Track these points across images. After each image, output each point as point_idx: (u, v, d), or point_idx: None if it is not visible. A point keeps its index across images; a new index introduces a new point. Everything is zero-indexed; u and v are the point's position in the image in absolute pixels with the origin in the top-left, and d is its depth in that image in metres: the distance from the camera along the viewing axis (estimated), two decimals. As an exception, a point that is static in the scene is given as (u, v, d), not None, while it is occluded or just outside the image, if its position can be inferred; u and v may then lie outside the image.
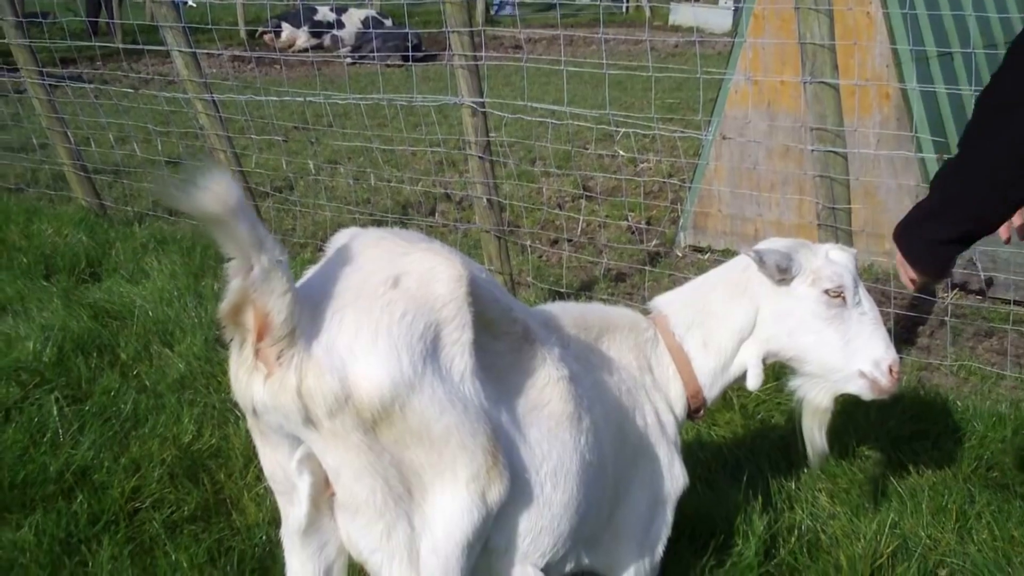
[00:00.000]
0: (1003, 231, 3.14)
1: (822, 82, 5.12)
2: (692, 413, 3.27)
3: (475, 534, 2.38)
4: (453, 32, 6.12)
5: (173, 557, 3.70)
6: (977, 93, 6.66)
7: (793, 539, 3.85)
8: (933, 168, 7.14)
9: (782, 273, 3.09)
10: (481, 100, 6.24)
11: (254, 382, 2.26)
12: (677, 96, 14.24)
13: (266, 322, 2.17)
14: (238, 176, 7.80)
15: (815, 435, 3.31)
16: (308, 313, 2.24)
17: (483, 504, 2.37)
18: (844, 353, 3.11)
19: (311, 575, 2.57)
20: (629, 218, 8.79)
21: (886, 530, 3.78)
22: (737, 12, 31.63)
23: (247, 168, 7.86)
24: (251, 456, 4.35)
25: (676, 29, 24.41)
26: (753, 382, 3.23)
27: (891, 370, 3.10)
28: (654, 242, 8.43)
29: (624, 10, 29.19)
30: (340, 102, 8.09)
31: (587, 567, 2.96)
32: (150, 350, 5.52)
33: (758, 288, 3.17)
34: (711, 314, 3.23)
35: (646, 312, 3.32)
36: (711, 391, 3.25)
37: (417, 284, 2.34)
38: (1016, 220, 3.08)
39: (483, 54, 6.32)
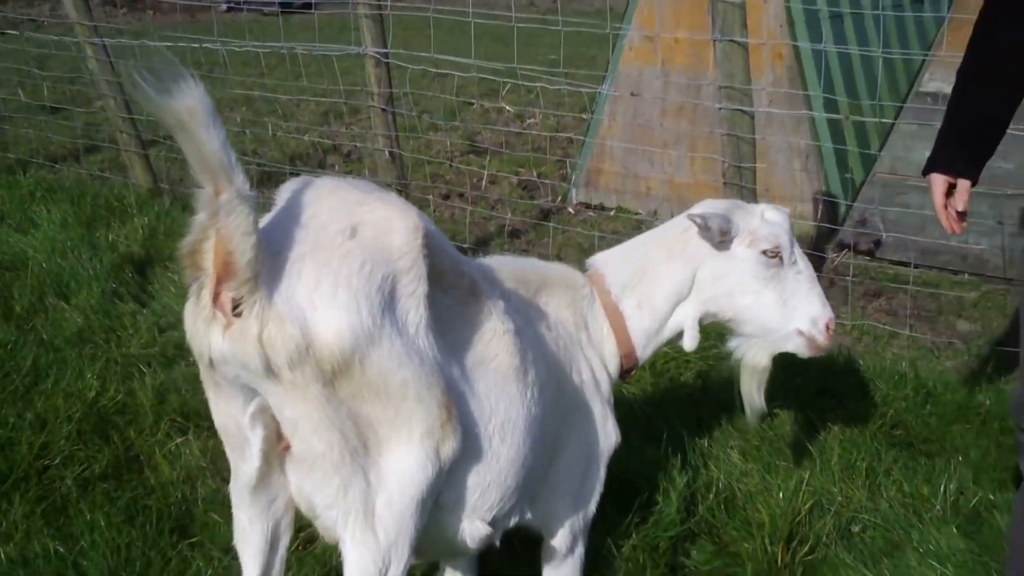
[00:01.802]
0: (946, 224, 3.20)
1: (732, 40, 5.15)
2: (623, 373, 3.27)
3: (429, 489, 2.37)
4: (357, -19, 6.04)
5: (88, 516, 3.60)
6: (864, 53, 6.86)
7: (711, 496, 3.90)
8: (824, 128, 7.29)
9: (723, 236, 3.11)
10: (385, 51, 6.18)
11: (212, 331, 2.19)
12: (558, 52, 14.18)
13: (228, 263, 2.10)
14: (128, 123, 7.60)
15: (754, 394, 3.34)
16: (267, 262, 2.18)
17: (437, 459, 2.36)
18: (782, 312, 3.16)
19: (260, 531, 2.52)
20: (519, 173, 8.78)
21: (803, 487, 3.85)
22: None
23: (136, 116, 7.63)
24: (161, 412, 4.28)
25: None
26: (690, 343, 3.24)
27: (827, 328, 3.16)
28: (547, 198, 8.44)
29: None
30: (238, 50, 7.90)
31: (529, 522, 2.96)
32: (45, 302, 5.36)
33: (696, 251, 3.17)
34: (648, 275, 3.23)
35: (583, 269, 3.32)
36: (644, 351, 3.26)
37: (374, 235, 2.30)
38: (958, 206, 3.14)
39: (388, 3, 6.25)
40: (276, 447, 2.40)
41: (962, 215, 3.15)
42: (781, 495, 3.85)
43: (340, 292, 2.20)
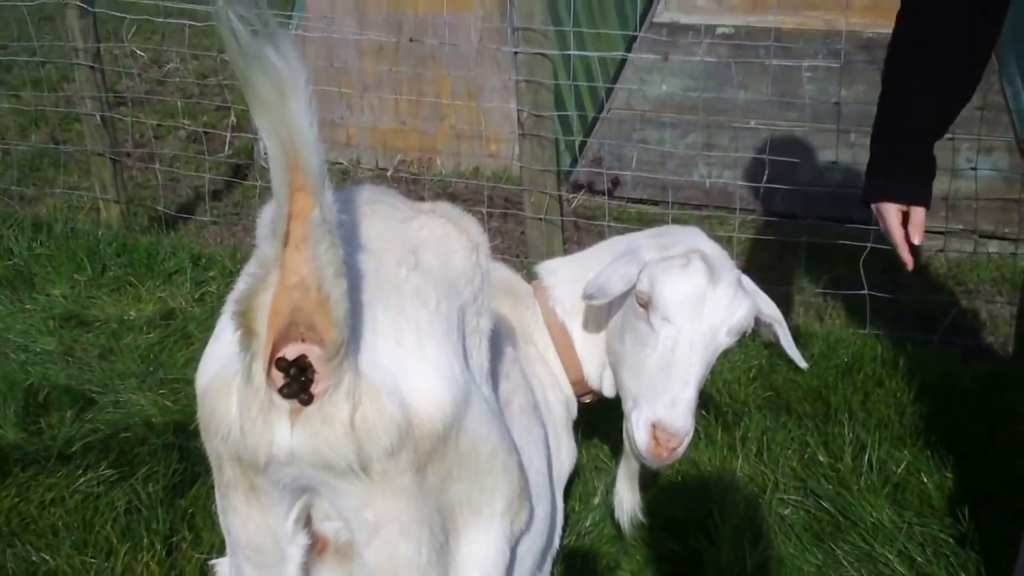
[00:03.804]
0: (907, 257, 2.68)
1: (520, -22, 4.66)
2: (578, 397, 2.79)
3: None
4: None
5: None
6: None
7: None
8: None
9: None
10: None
11: (276, 421, 1.50)
12: None
13: (297, 322, 1.43)
14: None
15: (622, 487, 2.78)
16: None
17: (512, 537, 1.85)
18: (634, 384, 2.49)
19: None
20: (184, 125, 7.85)
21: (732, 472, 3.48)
22: None
23: None
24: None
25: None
26: (608, 385, 2.72)
27: (654, 430, 2.37)
28: (227, 152, 7.56)
29: None
30: None
31: None
32: None
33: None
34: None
35: (530, 277, 2.83)
36: (600, 384, 2.73)
37: (437, 259, 1.75)
38: (915, 238, 2.63)
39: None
40: (313, 556, 1.72)
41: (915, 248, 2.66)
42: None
43: (428, 345, 1.61)
